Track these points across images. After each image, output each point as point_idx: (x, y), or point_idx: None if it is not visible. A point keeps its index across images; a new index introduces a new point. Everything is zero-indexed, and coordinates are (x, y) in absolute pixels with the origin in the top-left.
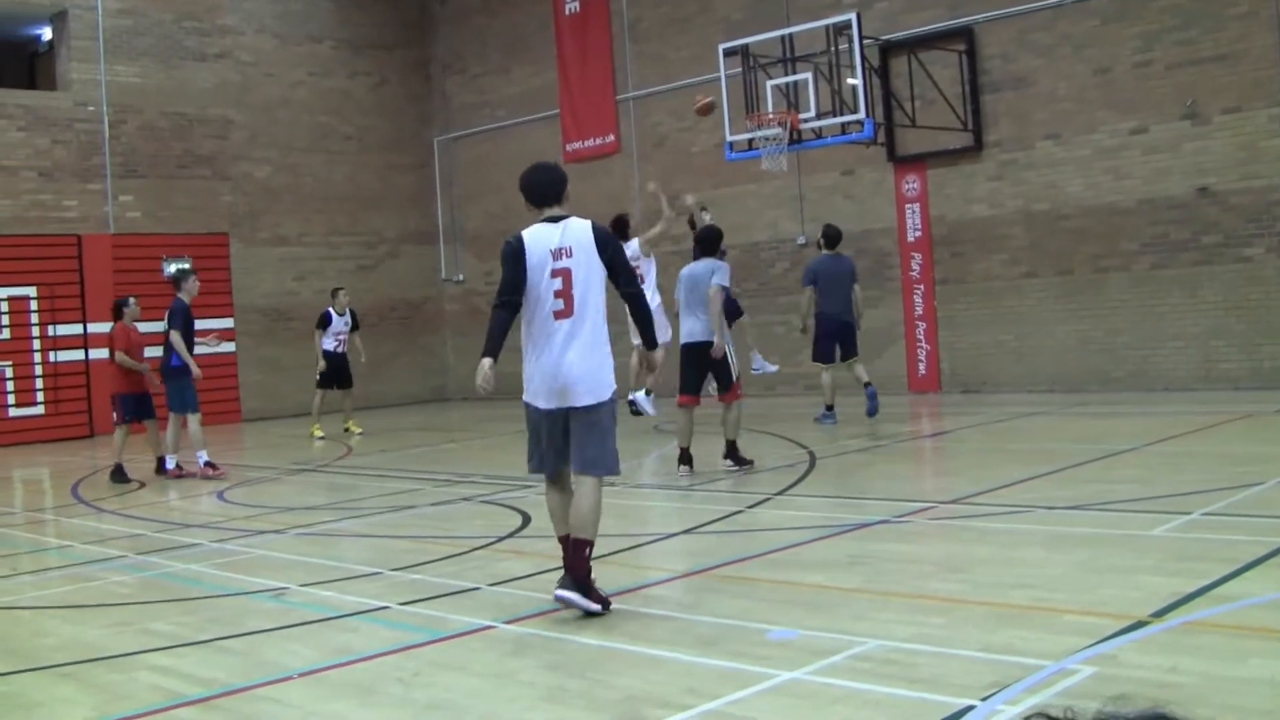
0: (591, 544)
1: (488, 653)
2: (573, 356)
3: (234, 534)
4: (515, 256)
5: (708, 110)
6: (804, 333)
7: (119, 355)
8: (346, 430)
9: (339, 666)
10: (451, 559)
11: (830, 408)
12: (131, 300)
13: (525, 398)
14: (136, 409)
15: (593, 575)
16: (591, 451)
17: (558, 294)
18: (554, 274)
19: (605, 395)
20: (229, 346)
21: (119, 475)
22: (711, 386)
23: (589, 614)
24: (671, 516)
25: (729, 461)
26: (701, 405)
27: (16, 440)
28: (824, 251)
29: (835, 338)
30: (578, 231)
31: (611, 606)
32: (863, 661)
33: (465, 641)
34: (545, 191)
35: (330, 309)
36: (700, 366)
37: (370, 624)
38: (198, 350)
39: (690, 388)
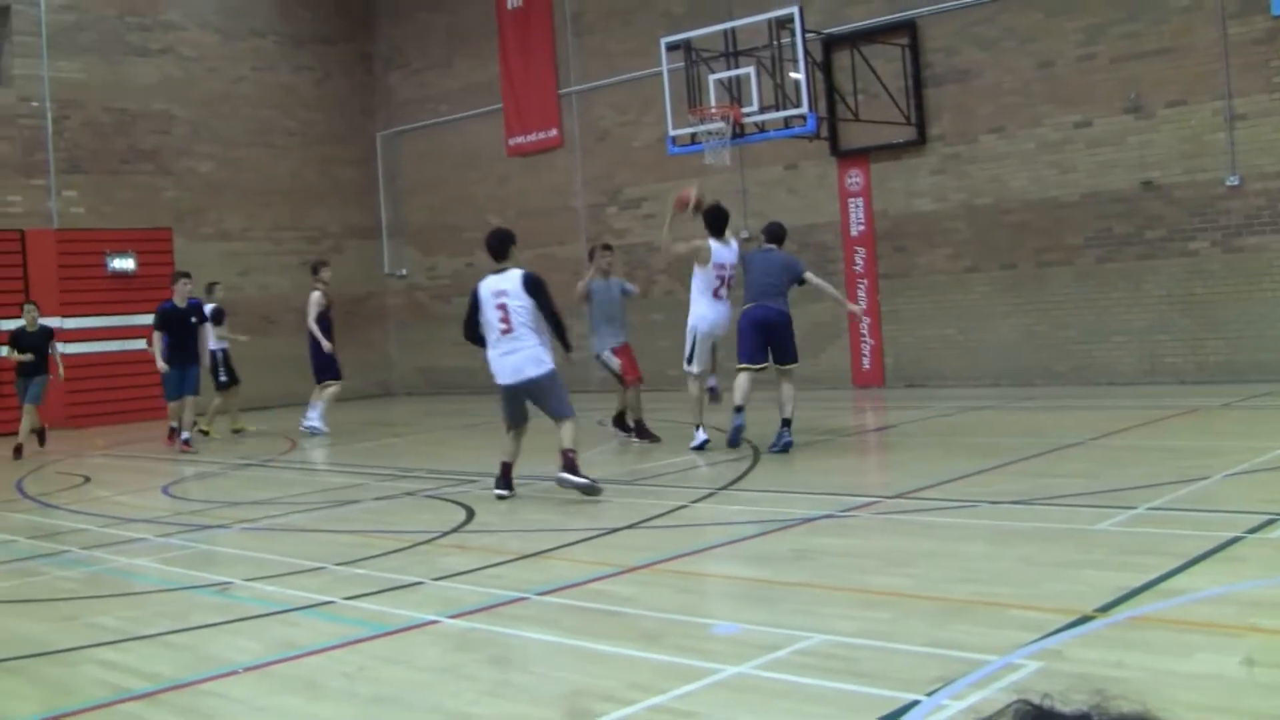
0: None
1: (432, 647)
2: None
3: (179, 529)
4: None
5: (685, 206)
6: None
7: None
8: (240, 430)
9: (284, 661)
10: (395, 554)
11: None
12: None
13: None
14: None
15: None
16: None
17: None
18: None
19: None
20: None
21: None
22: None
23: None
24: (616, 511)
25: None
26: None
27: None
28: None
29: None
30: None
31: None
32: (807, 656)
33: (409, 636)
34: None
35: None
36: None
37: (315, 618)
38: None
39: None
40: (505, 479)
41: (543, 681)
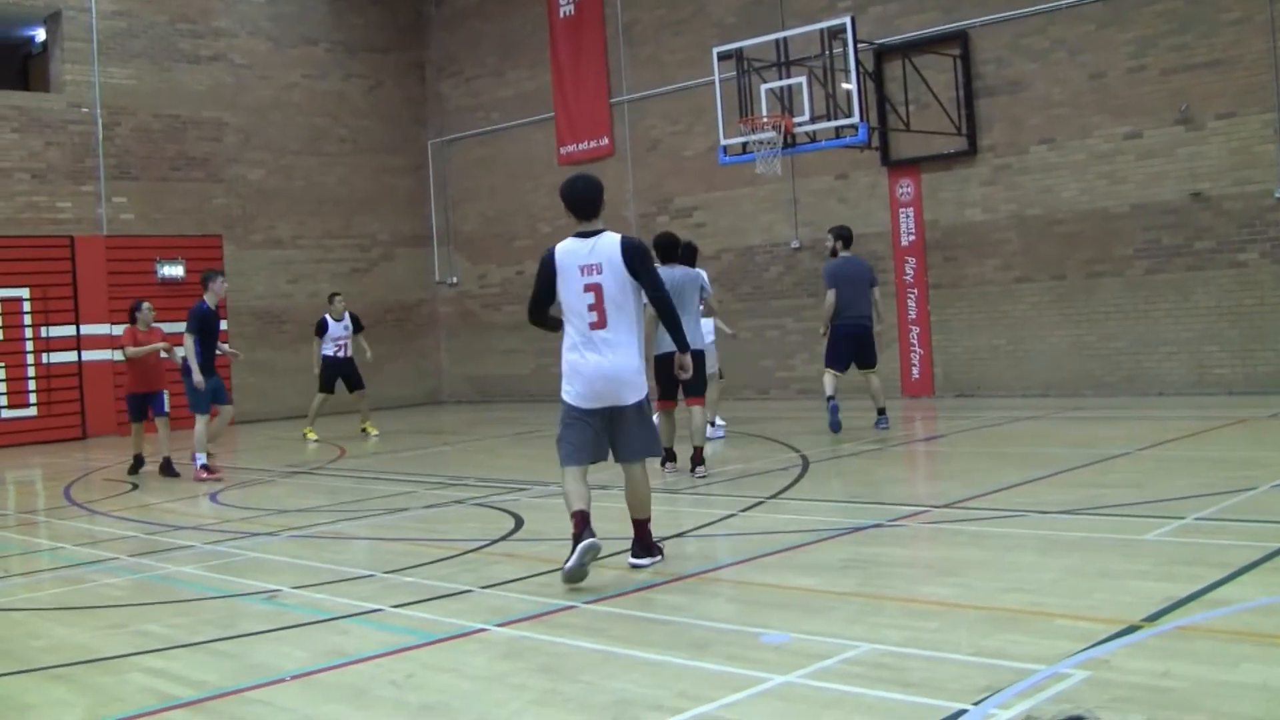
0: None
1: (480, 655)
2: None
3: (227, 536)
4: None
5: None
6: (824, 335)
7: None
8: (364, 431)
9: (332, 669)
10: (444, 561)
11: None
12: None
13: None
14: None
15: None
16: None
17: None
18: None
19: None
20: (223, 347)
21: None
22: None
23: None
24: (665, 520)
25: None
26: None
27: (9, 442)
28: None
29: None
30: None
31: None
32: (856, 665)
33: (458, 644)
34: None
35: (327, 315)
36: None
37: (363, 626)
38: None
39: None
40: (586, 529)
41: (591, 690)
